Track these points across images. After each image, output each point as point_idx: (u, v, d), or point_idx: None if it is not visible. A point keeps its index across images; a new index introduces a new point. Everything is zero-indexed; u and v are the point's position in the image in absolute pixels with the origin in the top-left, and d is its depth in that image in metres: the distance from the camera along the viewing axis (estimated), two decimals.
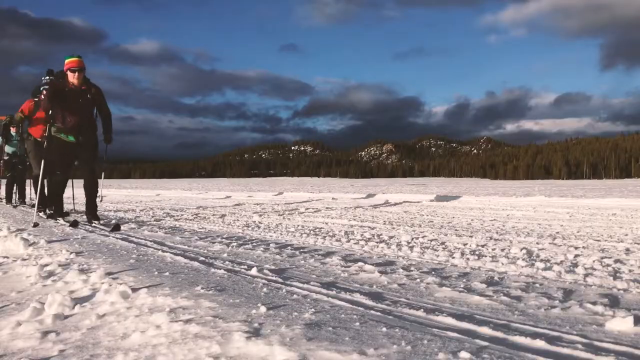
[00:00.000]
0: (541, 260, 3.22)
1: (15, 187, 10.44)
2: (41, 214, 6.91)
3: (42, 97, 5.89)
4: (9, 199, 10.37)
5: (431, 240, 4.27)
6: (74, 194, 8.59)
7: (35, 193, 7.07)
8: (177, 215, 7.23)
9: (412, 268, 3.03)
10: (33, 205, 9.08)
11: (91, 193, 5.96)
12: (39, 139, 7.36)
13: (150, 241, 4.26)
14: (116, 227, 5.20)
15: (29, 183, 10.30)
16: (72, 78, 5.63)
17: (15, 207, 8.97)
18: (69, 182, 7.20)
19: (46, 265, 3.08)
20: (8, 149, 10.08)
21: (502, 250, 3.70)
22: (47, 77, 6.95)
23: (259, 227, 5.44)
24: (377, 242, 4.13)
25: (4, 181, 12.15)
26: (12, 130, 9.92)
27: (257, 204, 10.20)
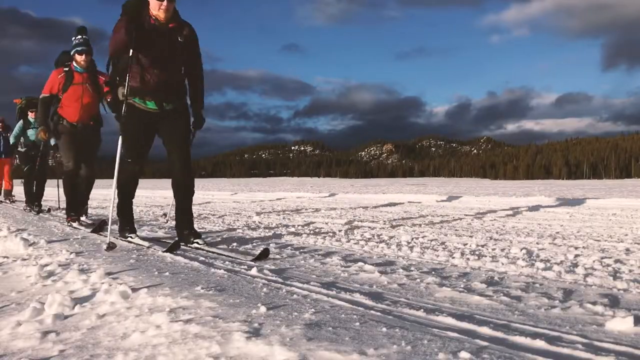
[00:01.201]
0: (541, 260, 3.22)
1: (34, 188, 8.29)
2: (75, 224, 5.53)
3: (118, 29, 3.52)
4: (30, 200, 8.28)
5: (431, 240, 4.27)
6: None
7: (65, 195, 5.79)
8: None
9: (412, 268, 3.03)
10: (49, 210, 7.76)
11: (185, 195, 3.90)
12: (75, 124, 5.52)
13: None
14: (264, 253, 3.32)
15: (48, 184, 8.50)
16: (158, 8, 3.53)
17: (38, 213, 7.44)
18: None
19: (46, 265, 3.08)
20: (26, 139, 8.33)
21: (502, 250, 3.70)
22: (80, 37, 5.40)
23: (259, 227, 5.44)
24: (377, 242, 4.13)
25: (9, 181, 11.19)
26: (30, 116, 7.99)
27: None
